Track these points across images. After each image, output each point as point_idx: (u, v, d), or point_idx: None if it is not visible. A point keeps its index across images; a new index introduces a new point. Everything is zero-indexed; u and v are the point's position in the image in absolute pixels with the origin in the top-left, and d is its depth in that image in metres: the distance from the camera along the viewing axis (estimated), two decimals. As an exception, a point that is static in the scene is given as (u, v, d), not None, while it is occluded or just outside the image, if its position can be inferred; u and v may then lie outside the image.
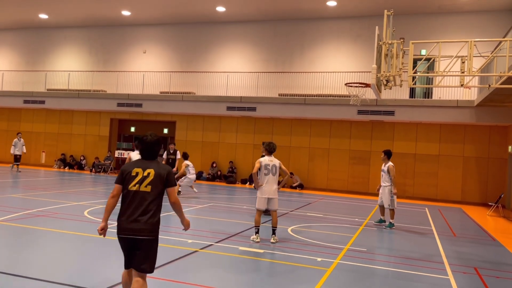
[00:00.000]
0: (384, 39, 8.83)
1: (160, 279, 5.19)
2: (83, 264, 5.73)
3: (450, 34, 18.70)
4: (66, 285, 4.75)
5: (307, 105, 19.39)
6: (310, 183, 20.35)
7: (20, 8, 22.89)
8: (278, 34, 21.89)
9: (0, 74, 25.60)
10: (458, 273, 6.37)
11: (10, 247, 6.53)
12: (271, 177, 7.67)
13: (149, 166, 3.90)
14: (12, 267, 5.36)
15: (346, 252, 7.26)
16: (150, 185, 3.83)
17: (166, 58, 23.65)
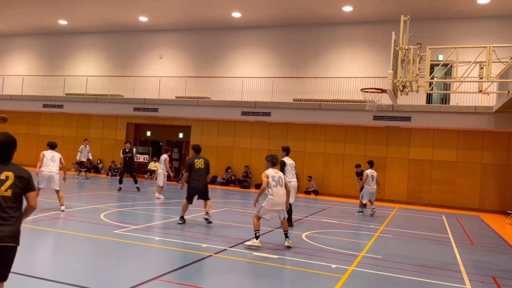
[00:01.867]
0: (401, 44, 8.76)
1: (175, 283, 5.21)
2: (98, 267, 5.79)
3: (468, 39, 18.46)
4: (80, 286, 4.81)
5: (322, 110, 19.33)
6: (324, 189, 20.24)
7: (41, 14, 23.41)
8: (293, 40, 21.92)
9: (20, 78, 26.16)
10: (475, 282, 6.25)
11: (27, 249, 6.65)
12: (280, 189, 7.53)
13: (6, 169, 3.60)
14: (28, 268, 5.45)
15: (361, 259, 7.19)
16: (10, 189, 3.51)
17: (182, 63, 23.87)
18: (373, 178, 13.44)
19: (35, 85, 26.05)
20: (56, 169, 9.94)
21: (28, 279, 4.94)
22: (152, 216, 10.66)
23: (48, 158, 9.90)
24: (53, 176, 9.85)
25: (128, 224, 8.88)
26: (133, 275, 5.53)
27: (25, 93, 25.71)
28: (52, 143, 10.37)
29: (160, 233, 8.25)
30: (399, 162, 19.17)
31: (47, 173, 9.75)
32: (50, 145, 10.27)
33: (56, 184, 9.88)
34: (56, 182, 9.90)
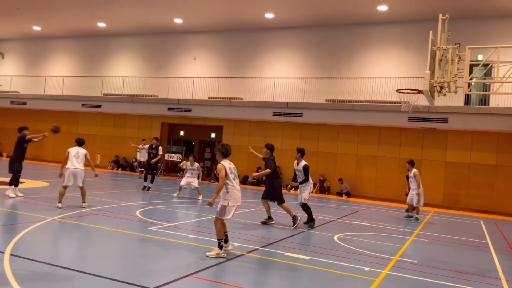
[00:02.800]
0: (439, 44, 8.56)
1: (208, 280, 5.30)
2: (134, 262, 5.96)
3: (510, 39, 17.77)
4: (116, 281, 4.96)
5: (355, 111, 19.09)
6: (357, 191, 19.97)
7: (81, 17, 24.25)
8: (326, 40, 21.75)
9: (61, 79, 27.19)
10: (516, 290, 6.02)
11: (66, 243, 6.92)
12: (238, 181, 6.64)
13: None
14: (68, 261, 5.68)
15: (395, 263, 7.07)
16: None
17: (215, 64, 24.15)
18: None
19: (75, 85, 27.01)
20: (81, 165, 9.96)
21: (69, 272, 5.15)
22: (186, 215, 10.85)
23: (72, 154, 9.99)
24: (77, 172, 9.87)
25: (163, 222, 9.07)
26: (167, 271, 5.66)
27: (65, 93, 26.70)
28: (79, 139, 10.43)
29: (193, 231, 8.40)
30: (435, 164, 18.67)
31: (72, 169, 9.80)
32: (77, 142, 10.38)
33: (80, 181, 9.94)
34: (80, 178, 9.93)
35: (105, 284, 4.85)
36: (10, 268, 5.03)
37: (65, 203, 9.96)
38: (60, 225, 8.02)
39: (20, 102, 27.27)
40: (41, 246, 6.57)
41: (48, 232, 7.48)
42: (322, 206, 15.78)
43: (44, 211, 9.24)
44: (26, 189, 12.50)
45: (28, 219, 8.19)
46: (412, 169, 12.51)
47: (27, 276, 4.95)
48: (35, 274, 5.07)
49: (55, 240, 7.06)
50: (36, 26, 26.84)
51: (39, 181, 15.43)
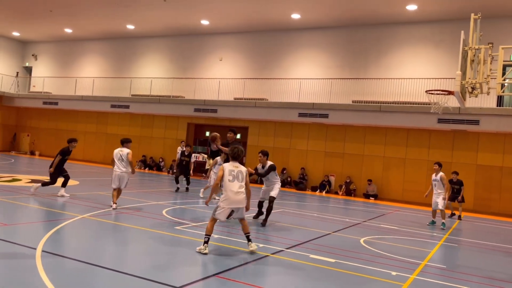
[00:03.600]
0: (470, 44, 8.32)
1: (232, 280, 5.32)
2: (159, 260, 6.03)
3: (546, 37, 17.11)
4: (143, 278, 5.04)
5: (382, 112, 18.79)
6: (384, 194, 19.65)
7: (110, 20, 24.82)
8: (352, 40, 21.50)
9: (91, 80, 27.90)
10: (552, 300, 5.79)
11: (94, 240, 7.08)
12: (237, 184, 6.58)
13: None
14: (93, 257, 5.80)
15: (424, 267, 6.91)
16: None
17: (241, 65, 24.24)
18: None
19: (104, 86, 27.66)
20: (125, 169, 10.03)
21: (96, 269, 5.27)
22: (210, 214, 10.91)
23: (116, 158, 10.06)
24: (122, 175, 10.01)
25: (188, 221, 9.17)
26: (192, 270, 5.71)
27: (95, 94, 27.38)
28: (122, 139, 10.43)
29: (218, 231, 8.44)
30: (465, 167, 18.16)
31: (118, 173, 9.93)
32: (121, 141, 10.41)
33: (123, 184, 10.08)
34: (123, 182, 10.05)
35: (131, 281, 4.93)
36: (41, 264, 5.18)
37: (96, 201, 10.19)
38: (90, 223, 8.22)
39: (52, 103, 28.13)
40: (71, 243, 6.74)
41: (78, 229, 7.68)
42: (347, 209, 15.60)
43: (75, 208, 9.49)
44: (58, 188, 12.86)
45: (60, 217, 8.43)
46: (440, 172, 11.97)
47: (57, 272, 5.09)
48: (65, 270, 5.21)
49: (84, 238, 7.23)
50: (67, 28, 27.63)
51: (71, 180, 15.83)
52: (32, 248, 5.88)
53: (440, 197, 11.81)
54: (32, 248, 5.86)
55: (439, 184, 11.87)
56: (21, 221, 7.77)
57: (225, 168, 6.55)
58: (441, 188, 11.85)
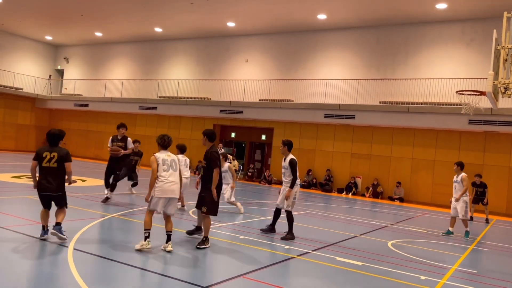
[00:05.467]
0: (503, 43, 8.07)
1: (258, 281, 5.33)
2: (185, 261, 6.11)
3: None
4: (170, 277, 5.11)
5: (410, 113, 18.43)
6: (412, 196, 19.27)
7: (139, 23, 25.31)
8: (380, 40, 21.19)
9: (120, 82, 28.52)
10: None
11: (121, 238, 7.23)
12: (173, 173, 6.46)
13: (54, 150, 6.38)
14: (121, 256, 5.93)
15: (454, 272, 6.74)
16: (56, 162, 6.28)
17: (267, 67, 24.27)
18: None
19: (132, 88, 28.22)
20: (188, 173, 10.59)
21: (123, 267, 5.38)
22: (236, 215, 10.98)
23: (182, 163, 10.34)
24: (186, 182, 10.39)
25: (215, 222, 9.24)
26: (219, 270, 5.76)
27: (124, 96, 27.96)
28: (182, 146, 10.30)
29: (244, 232, 8.48)
30: (498, 170, 17.61)
31: (184, 181, 10.10)
32: (182, 148, 10.21)
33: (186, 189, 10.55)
34: (187, 187, 10.57)
35: (157, 280, 5.02)
36: (73, 261, 5.34)
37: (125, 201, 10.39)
38: (119, 222, 8.40)
39: (82, 104, 28.91)
40: (100, 242, 6.92)
41: (108, 229, 7.86)
42: (375, 211, 15.38)
43: (104, 207, 9.72)
44: (87, 187, 13.21)
45: (90, 216, 8.65)
46: (461, 173, 10.63)
47: (87, 269, 5.23)
48: (95, 268, 5.35)
49: (114, 236, 7.40)
50: (98, 32, 28.34)
51: (99, 179, 16.25)
52: (64, 246, 6.07)
53: (460, 202, 10.39)
54: (64, 246, 6.05)
55: (459, 185, 10.54)
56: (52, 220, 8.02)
57: (158, 158, 6.46)
58: (461, 190, 10.50)
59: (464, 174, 10.60)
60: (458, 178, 10.62)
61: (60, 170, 6.31)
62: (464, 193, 10.40)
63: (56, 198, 6.38)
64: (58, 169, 6.29)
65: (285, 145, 8.53)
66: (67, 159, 6.37)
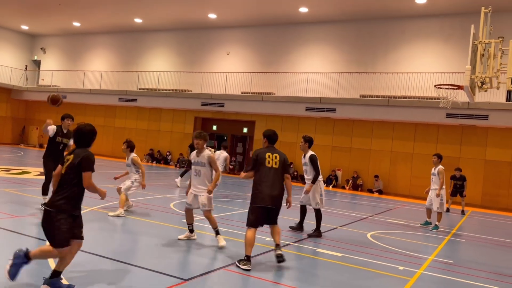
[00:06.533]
0: (480, 38, 8.24)
1: (239, 273, 5.36)
2: (167, 253, 6.09)
3: (558, 31, 16.87)
4: (151, 270, 5.09)
5: (390, 107, 18.69)
6: (391, 189, 19.59)
7: (118, 13, 24.86)
8: (361, 34, 21.35)
9: (99, 74, 28.01)
10: (560, 296, 5.77)
11: (102, 232, 7.15)
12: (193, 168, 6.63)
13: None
14: (102, 250, 5.87)
15: (431, 262, 6.91)
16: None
17: (248, 59, 24.20)
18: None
19: (112, 80, 27.76)
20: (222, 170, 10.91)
21: (104, 260, 5.33)
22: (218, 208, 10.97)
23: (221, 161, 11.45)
24: None
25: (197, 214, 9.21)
26: (200, 263, 5.76)
27: (103, 87, 27.49)
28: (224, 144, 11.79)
29: (225, 224, 8.49)
30: (474, 163, 18.05)
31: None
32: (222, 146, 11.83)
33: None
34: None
35: (140, 273, 4.99)
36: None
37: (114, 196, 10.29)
38: (99, 215, 8.30)
39: (60, 96, 28.27)
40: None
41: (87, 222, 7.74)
42: (355, 203, 15.60)
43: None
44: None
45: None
46: (439, 165, 10.42)
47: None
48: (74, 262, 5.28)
49: (93, 230, 7.31)
50: (76, 22, 27.72)
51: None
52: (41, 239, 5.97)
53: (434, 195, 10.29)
54: (42, 240, 5.94)
55: (436, 178, 10.38)
56: (28, 213, 7.86)
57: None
58: (437, 183, 10.32)
59: (441, 167, 10.44)
60: (435, 171, 10.47)
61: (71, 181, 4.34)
62: (441, 186, 10.29)
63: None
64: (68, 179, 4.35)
65: (306, 141, 8.36)
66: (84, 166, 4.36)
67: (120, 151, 26.36)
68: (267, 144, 6.10)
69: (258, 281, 5.17)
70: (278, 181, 5.88)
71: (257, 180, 5.85)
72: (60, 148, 8.46)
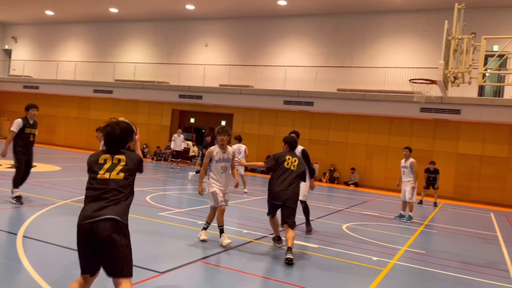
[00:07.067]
0: (454, 34, 8.42)
1: (216, 265, 5.36)
2: (143, 247, 6.04)
3: (528, 29, 17.41)
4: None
5: (366, 101, 18.95)
6: (366, 181, 19.92)
7: (93, 2, 24.27)
8: (338, 28, 21.51)
9: (73, 64, 27.35)
10: (525, 283, 6.00)
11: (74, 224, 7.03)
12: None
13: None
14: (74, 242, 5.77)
15: (403, 253, 7.07)
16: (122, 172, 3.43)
17: (227, 52, 24.06)
18: None
19: (87, 71, 27.16)
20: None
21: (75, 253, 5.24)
22: (195, 201, 10.93)
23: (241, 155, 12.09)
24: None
25: (173, 207, 9.16)
26: (176, 256, 5.73)
27: (77, 78, 26.88)
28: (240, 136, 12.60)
29: (202, 217, 8.47)
30: (446, 156, 18.51)
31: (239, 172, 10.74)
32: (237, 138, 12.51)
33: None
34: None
35: (115, 266, 4.93)
36: (23, 249, 5.14)
37: (78, 187, 10.08)
38: (72, 208, 8.15)
39: (32, 87, 27.54)
40: (53, 229, 6.68)
41: (59, 215, 7.60)
42: (331, 196, 15.80)
43: (57, 194, 9.39)
44: (39, 173, 12.71)
45: (41, 202, 8.33)
46: (410, 158, 10.57)
47: (38, 256, 5.05)
48: (46, 255, 5.18)
49: (66, 223, 7.18)
50: (49, 10, 26.92)
51: (51, 165, 15.64)
52: (13, 233, 5.82)
53: (408, 186, 10.44)
54: (13, 234, 5.80)
55: (408, 171, 10.49)
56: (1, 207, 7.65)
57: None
58: (410, 176, 10.46)
59: (413, 159, 10.58)
60: (407, 163, 10.53)
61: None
62: (416, 179, 10.48)
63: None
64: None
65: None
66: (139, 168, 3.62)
67: (94, 144, 25.88)
68: (288, 149, 6.61)
69: (233, 273, 5.18)
70: (292, 181, 6.17)
71: (273, 176, 6.30)
72: (30, 140, 8.30)
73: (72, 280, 4.40)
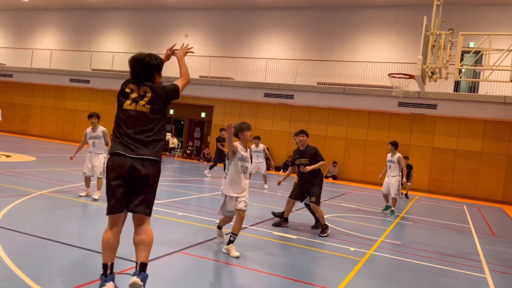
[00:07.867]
0: (432, 29, 8.58)
1: (195, 256, 5.37)
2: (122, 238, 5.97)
3: (502, 27, 17.86)
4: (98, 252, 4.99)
5: (346, 94, 19.14)
6: (345, 174, 20.18)
7: (70, -11, 23.66)
8: (319, 22, 21.60)
9: (49, 52, 26.66)
10: (495, 272, 6.22)
11: (54, 216, 6.92)
12: None
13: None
14: (53, 233, 5.68)
15: (380, 244, 7.22)
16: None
17: (207, 43, 23.87)
18: None
19: (63, 59, 26.52)
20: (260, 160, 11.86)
21: (55, 244, 5.16)
22: (174, 193, 10.87)
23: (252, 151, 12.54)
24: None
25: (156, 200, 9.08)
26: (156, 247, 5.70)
27: (53, 67, 26.22)
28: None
29: (182, 209, 8.44)
30: (422, 150, 18.91)
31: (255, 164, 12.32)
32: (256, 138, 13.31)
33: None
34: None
35: (93, 257, 4.88)
36: (-2, 240, 5.02)
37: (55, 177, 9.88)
38: (48, 199, 8.00)
39: (6, 75, 26.73)
40: (29, 219, 6.55)
41: (35, 205, 7.45)
42: (310, 188, 15.93)
43: (32, 184, 9.18)
44: (13, 163, 12.40)
45: (17, 193, 8.14)
46: (396, 153, 10.62)
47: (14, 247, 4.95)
48: (23, 246, 5.08)
49: (42, 214, 7.04)
50: (23, -4, 26.13)
51: (26, 155, 15.27)
52: (-13, 224, 5.68)
53: (394, 180, 10.51)
54: (-13, 224, 5.65)
55: (394, 166, 10.56)
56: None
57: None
58: (396, 170, 10.55)
59: (400, 154, 10.65)
60: (394, 158, 10.58)
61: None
62: (404, 173, 10.64)
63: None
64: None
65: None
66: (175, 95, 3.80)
67: (71, 134, 25.41)
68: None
69: (212, 263, 5.20)
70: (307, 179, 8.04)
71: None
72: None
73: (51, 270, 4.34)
